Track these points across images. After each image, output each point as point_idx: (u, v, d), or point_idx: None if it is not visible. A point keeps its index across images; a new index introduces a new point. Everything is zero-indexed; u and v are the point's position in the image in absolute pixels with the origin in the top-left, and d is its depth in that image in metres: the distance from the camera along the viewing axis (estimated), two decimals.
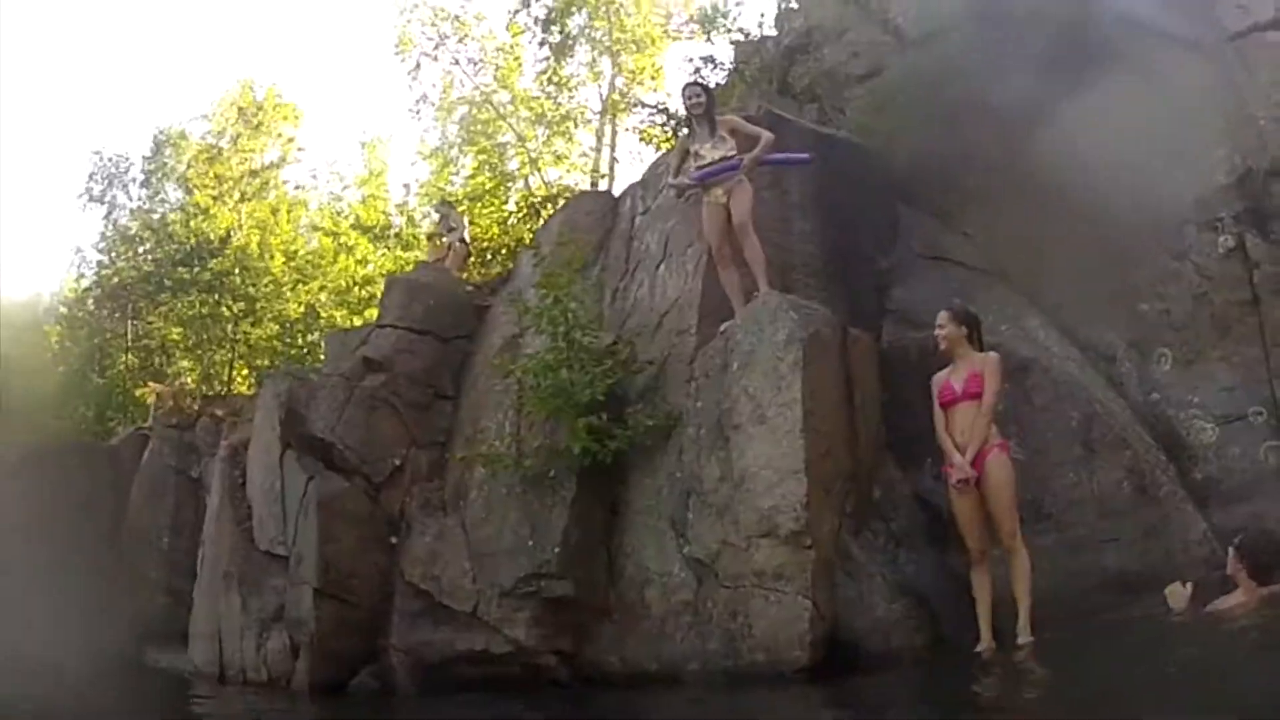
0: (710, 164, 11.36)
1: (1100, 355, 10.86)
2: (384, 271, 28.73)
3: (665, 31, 25.06)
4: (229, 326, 28.46)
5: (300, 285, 30.01)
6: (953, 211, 12.28)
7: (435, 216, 22.82)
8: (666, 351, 11.71)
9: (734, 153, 11.31)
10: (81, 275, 36.10)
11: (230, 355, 28.65)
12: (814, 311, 10.49)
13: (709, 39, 19.39)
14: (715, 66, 17.77)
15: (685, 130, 12.41)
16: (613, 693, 10.86)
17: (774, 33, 16.85)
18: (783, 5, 16.87)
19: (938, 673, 9.16)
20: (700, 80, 12.89)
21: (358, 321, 26.17)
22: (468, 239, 19.92)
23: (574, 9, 24.91)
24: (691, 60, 19.51)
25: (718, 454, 10.36)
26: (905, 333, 11.48)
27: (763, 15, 20.56)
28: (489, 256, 22.10)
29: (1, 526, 25.72)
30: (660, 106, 20.38)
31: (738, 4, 19.96)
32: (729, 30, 18.97)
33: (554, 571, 11.32)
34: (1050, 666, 8.18)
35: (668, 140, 19.38)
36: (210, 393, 26.88)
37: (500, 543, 12.01)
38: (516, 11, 25.67)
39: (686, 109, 11.87)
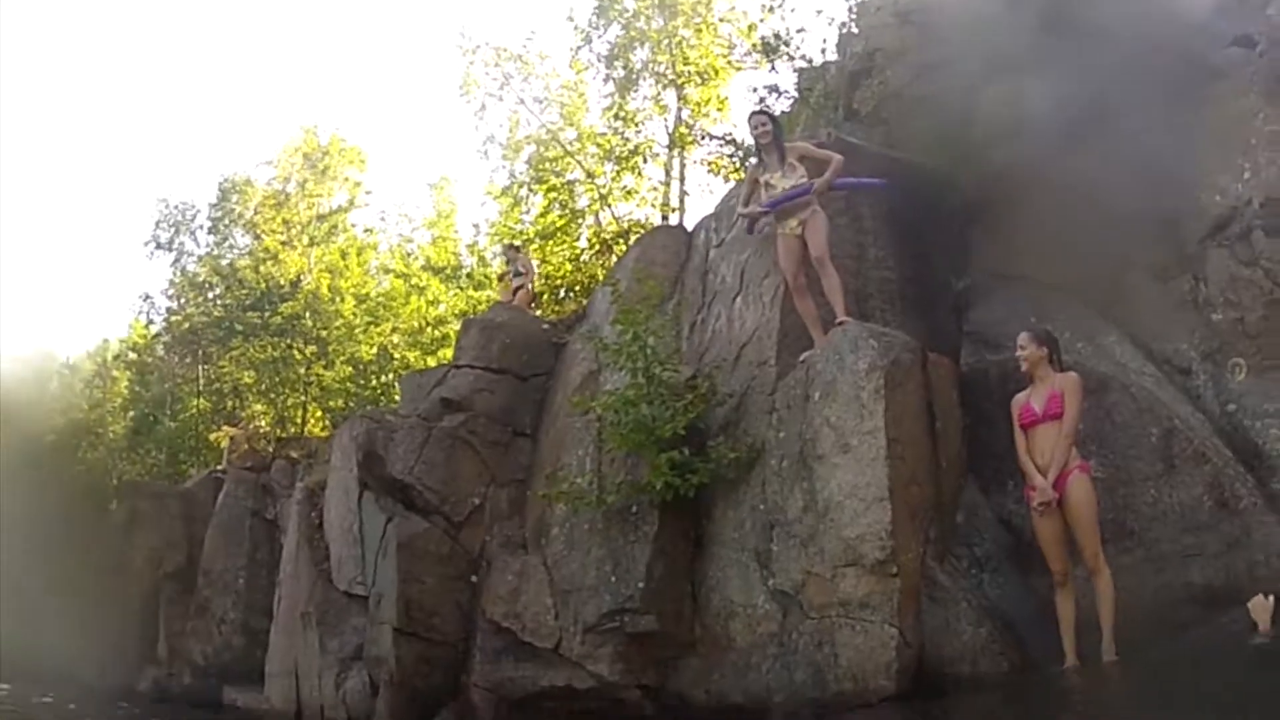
0: (782, 192, 11.33)
1: (1175, 368, 10.67)
2: (456, 312, 28.97)
3: (728, 62, 24.94)
4: (301, 370, 28.76)
5: (372, 327, 30.26)
6: (1022, 230, 12.22)
7: (503, 259, 22.98)
8: (746, 384, 11.69)
9: (805, 179, 11.27)
10: (151, 321, 36.55)
11: (303, 398, 28.95)
12: (894, 338, 10.44)
13: (772, 67, 19.32)
14: (780, 95, 17.75)
15: (754, 160, 12.30)
16: None
17: (836, 58, 16.84)
18: (844, 30, 16.84)
19: (1021, 698, 9.08)
20: (766, 109, 12.72)
21: (431, 362, 26.41)
22: (534, 282, 19.96)
23: (636, 44, 24.95)
24: (756, 89, 19.43)
25: (801, 484, 10.32)
26: (983, 354, 11.40)
27: (825, 41, 20.55)
28: (562, 294, 22.20)
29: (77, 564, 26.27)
30: (728, 137, 20.43)
31: (799, 31, 19.92)
32: (791, 58, 18.95)
33: (637, 606, 11.30)
34: (1135, 686, 8.21)
35: (736, 171, 19.40)
36: (284, 435, 27.17)
37: (583, 579, 12.01)
38: (579, 48, 25.67)
39: (754, 138, 11.86)
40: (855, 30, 16.48)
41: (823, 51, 17.29)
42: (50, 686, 24.88)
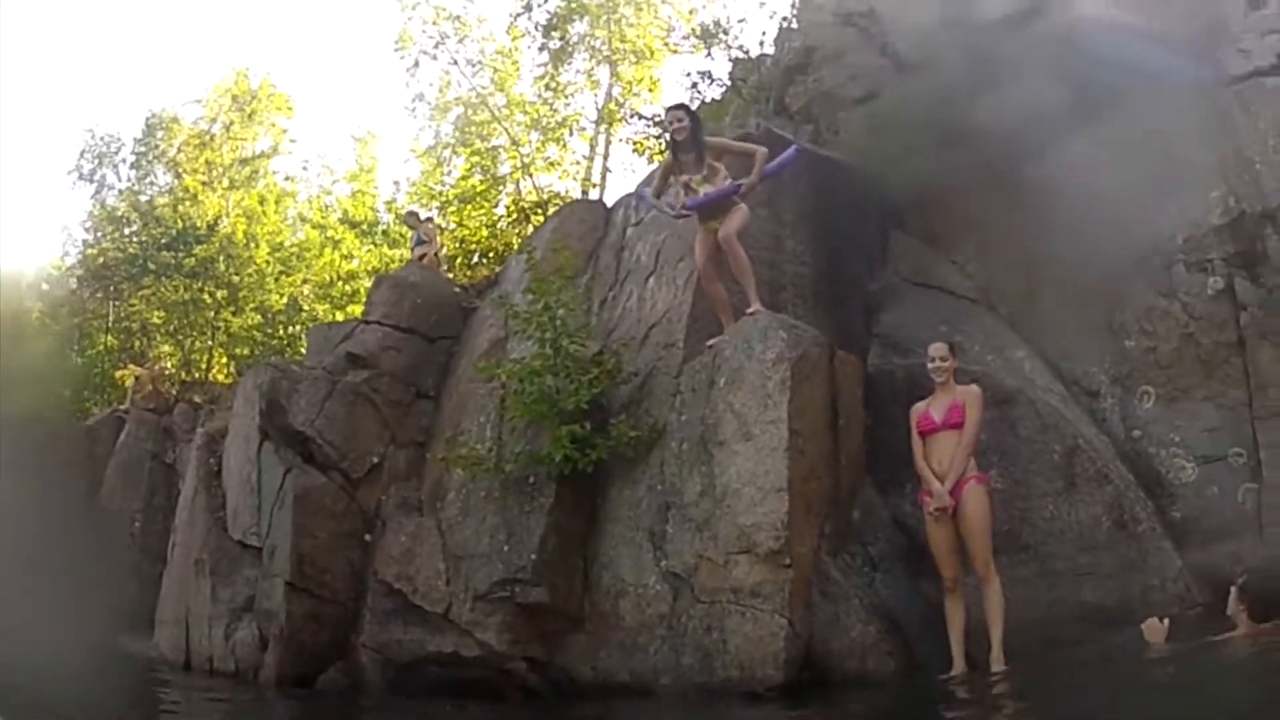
0: (703, 195, 11.16)
1: (1084, 390, 10.88)
2: (369, 268, 28.88)
3: (665, 44, 25.00)
4: (211, 314, 28.58)
5: (284, 277, 30.21)
6: (943, 238, 12.32)
7: (406, 226, 22.89)
8: (652, 364, 11.68)
9: (728, 180, 11.09)
10: (66, 254, 35.99)
11: (210, 343, 28.78)
12: (803, 332, 10.47)
13: (709, 54, 19.39)
14: (712, 82, 17.78)
15: (669, 153, 11.87)
16: (582, 703, 10.87)
17: (773, 51, 16.85)
18: (783, 24, 16.86)
19: (909, 697, 9.20)
20: (684, 104, 12.31)
21: (340, 316, 26.27)
22: (438, 250, 19.88)
23: (575, 16, 24.89)
24: (689, 74, 19.48)
25: (700, 469, 10.36)
26: (891, 357, 11.49)
27: (764, 33, 20.55)
28: (476, 259, 22.10)
29: None
30: (656, 118, 20.41)
31: (739, 21, 19.93)
32: (729, 46, 18.96)
33: (529, 578, 11.25)
34: (1021, 694, 8.28)
35: (660, 153, 19.40)
36: (189, 379, 26.95)
37: (476, 546, 11.95)
38: (518, 15, 25.65)
39: (670, 134, 11.50)
40: (795, 26, 16.51)
41: (760, 44, 17.38)
42: None
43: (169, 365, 28.60)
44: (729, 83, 17.41)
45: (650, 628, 10.57)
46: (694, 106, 15.26)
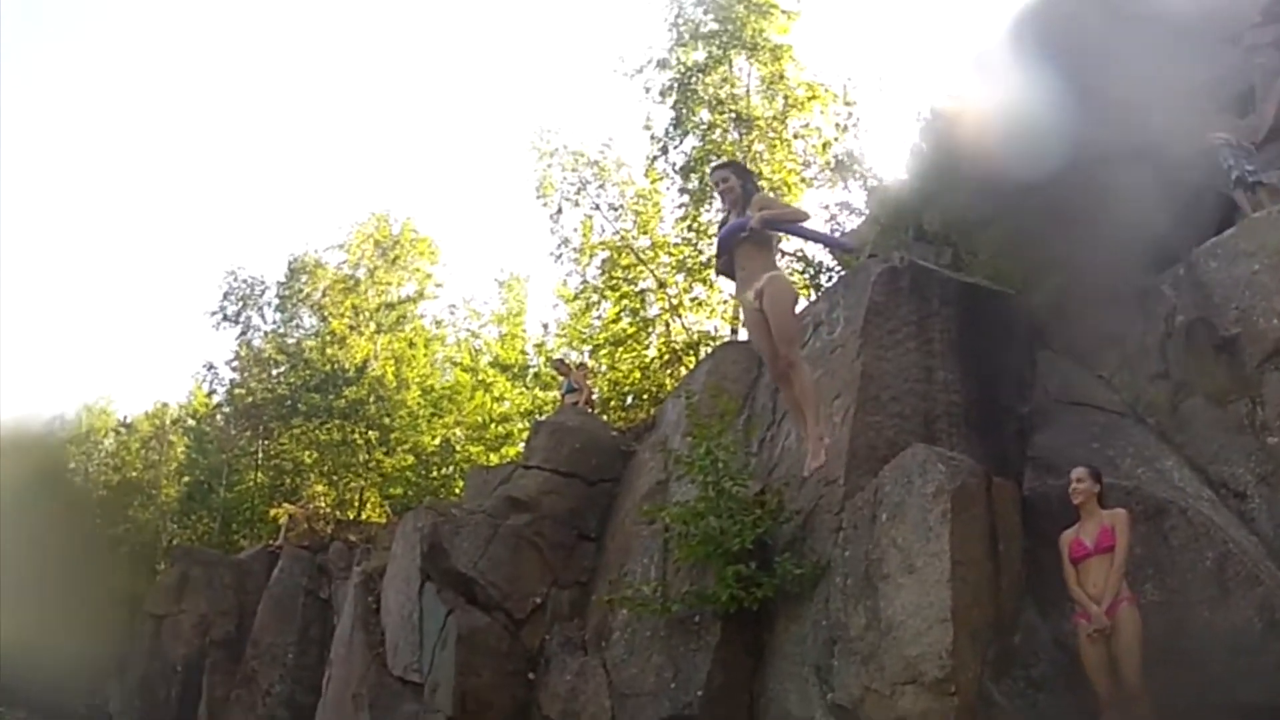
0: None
1: (1231, 492, 10.82)
2: (521, 410, 29.29)
3: (801, 179, 25.18)
4: (363, 454, 29.03)
5: (435, 418, 30.72)
6: (1088, 354, 12.44)
7: (558, 376, 23.31)
8: (814, 501, 11.92)
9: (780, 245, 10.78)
10: (212, 391, 36.86)
11: (363, 482, 29.21)
12: (960, 463, 10.68)
13: (844, 185, 19.60)
14: (851, 212, 18.01)
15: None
16: None
17: (906, 177, 17.07)
18: (914, 150, 17.11)
19: None
20: (730, 160, 11.40)
21: (495, 458, 26.83)
22: (589, 395, 20.27)
23: (711, 156, 25.09)
24: (827, 207, 19.75)
25: (865, 603, 10.56)
26: (1045, 479, 11.50)
27: (896, 160, 20.74)
28: (629, 401, 22.42)
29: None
30: (798, 254, 20.69)
31: (872, 150, 20.08)
32: (863, 176, 19.17)
33: (696, 714, 11.47)
34: None
35: (806, 288, 19.69)
36: (343, 518, 27.39)
37: (643, 684, 12.23)
38: (654, 158, 25.94)
39: (719, 194, 10.09)
40: (925, 149, 16.76)
41: (893, 171, 17.51)
42: None
43: (323, 504, 29.11)
44: (867, 212, 17.63)
45: None
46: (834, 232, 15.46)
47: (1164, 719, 9.03)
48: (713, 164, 12.09)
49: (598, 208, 26.40)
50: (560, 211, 26.44)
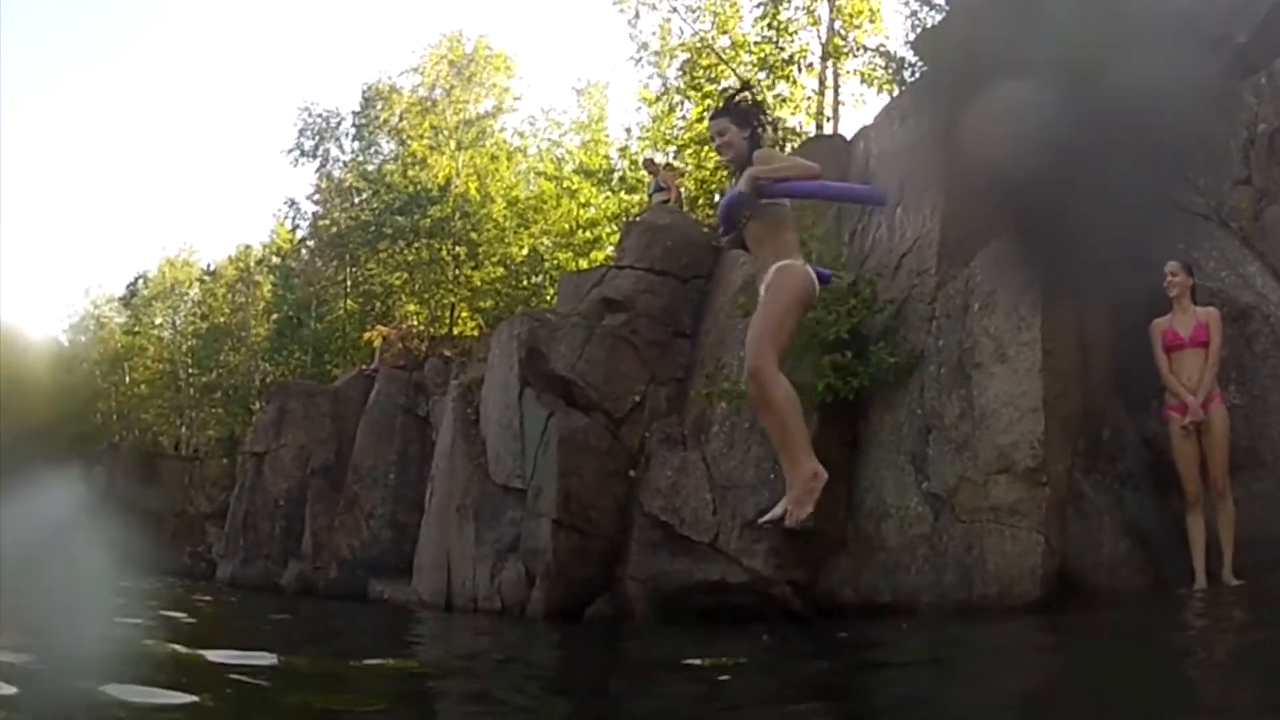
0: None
1: None
2: (607, 214, 29.48)
3: None
4: (451, 271, 29.50)
5: (522, 229, 31.15)
6: (1179, 156, 12.45)
7: (644, 175, 23.50)
8: (906, 291, 12.20)
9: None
10: (295, 226, 37.73)
11: (454, 298, 29.70)
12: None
13: None
14: (932, 8, 17.89)
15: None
16: (845, 622, 11.28)
17: None
18: None
19: (1156, 611, 9.25)
20: (725, 107, 7.40)
21: (583, 264, 27.15)
22: (677, 194, 20.34)
23: None
24: (908, 3, 19.52)
25: (958, 391, 10.86)
26: (1133, 277, 11.67)
27: None
28: (716, 199, 22.53)
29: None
30: (880, 49, 20.61)
31: None
32: None
33: None
34: (1255, 608, 8.40)
35: (889, 83, 19.66)
36: (436, 335, 27.91)
37: (742, 476, 12.58)
38: None
39: (717, 150, 7.38)
40: None
41: None
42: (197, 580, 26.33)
43: (415, 323, 29.69)
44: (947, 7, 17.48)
45: (911, 548, 11.14)
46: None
47: (1243, 523, 9.20)
48: (711, 114, 8.11)
49: (675, 10, 26.41)
50: (638, 16, 26.50)
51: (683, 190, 21.74)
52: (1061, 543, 10.09)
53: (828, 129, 23.45)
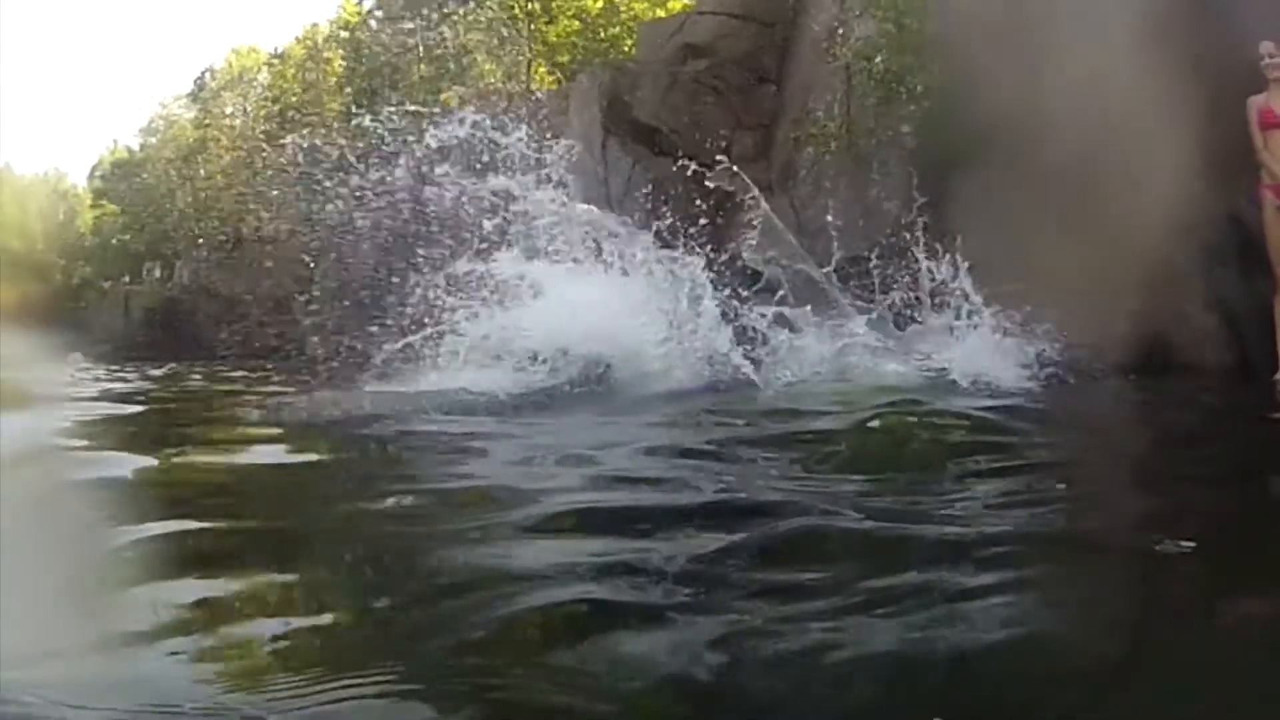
0: None
1: None
2: None
3: None
4: (525, 27, 29.20)
5: None
6: None
7: None
8: None
9: None
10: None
11: (529, 54, 29.45)
12: None
13: None
14: None
15: None
16: None
17: None
18: None
19: (1239, 392, 9.04)
20: None
21: (662, 13, 26.55)
22: None
23: None
24: None
25: None
26: (1227, 50, 11.34)
27: None
28: None
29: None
30: None
31: None
32: None
33: (884, 252, 11.72)
34: None
35: None
36: (513, 93, 27.78)
37: (826, 221, 12.38)
38: None
39: None
40: None
41: None
42: None
43: (492, 81, 29.54)
44: None
45: None
46: None
47: None
48: None
49: None
50: None
51: None
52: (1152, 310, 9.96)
53: None
